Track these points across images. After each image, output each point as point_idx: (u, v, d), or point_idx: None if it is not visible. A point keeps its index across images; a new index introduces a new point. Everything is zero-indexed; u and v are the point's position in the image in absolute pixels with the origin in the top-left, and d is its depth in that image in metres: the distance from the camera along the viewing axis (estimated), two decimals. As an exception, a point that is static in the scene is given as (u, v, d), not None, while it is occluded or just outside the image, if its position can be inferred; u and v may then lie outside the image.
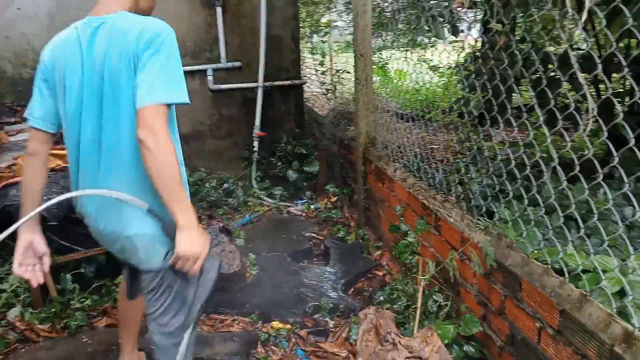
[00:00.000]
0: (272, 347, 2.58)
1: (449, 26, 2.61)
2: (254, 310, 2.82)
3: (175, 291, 1.73)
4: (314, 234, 3.69)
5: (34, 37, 3.79)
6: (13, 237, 1.70)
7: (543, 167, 1.85)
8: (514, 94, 3.07)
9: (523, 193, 2.00)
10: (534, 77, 2.28)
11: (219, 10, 4.18)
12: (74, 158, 1.72)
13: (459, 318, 2.21)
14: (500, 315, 1.99)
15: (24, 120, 3.57)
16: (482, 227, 2.14)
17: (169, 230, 1.55)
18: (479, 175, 2.37)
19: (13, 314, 2.71)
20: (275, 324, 2.72)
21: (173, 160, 1.44)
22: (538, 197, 1.90)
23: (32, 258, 1.79)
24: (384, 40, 4.53)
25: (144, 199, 1.55)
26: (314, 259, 3.43)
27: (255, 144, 4.50)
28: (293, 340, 2.63)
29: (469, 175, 2.40)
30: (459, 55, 3.02)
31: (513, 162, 2.08)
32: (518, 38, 2.19)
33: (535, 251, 1.91)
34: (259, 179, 4.58)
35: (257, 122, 4.43)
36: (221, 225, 3.13)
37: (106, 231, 1.70)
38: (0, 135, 3.31)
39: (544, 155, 2.04)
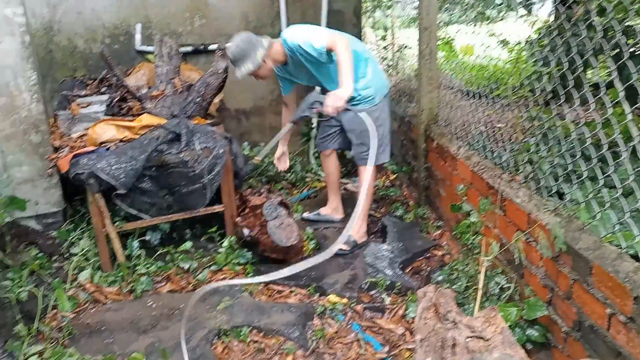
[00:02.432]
0: (328, 319, 2.60)
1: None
2: (310, 283, 2.84)
3: None
4: (372, 212, 3.66)
5: (103, 13, 3.90)
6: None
7: (622, 146, 1.73)
8: (589, 70, 2.89)
9: (598, 173, 1.89)
10: (613, 52, 2.13)
11: (281, -15, 4.16)
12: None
13: (522, 301, 2.14)
14: (567, 300, 1.91)
15: (94, 93, 3.73)
16: (552, 209, 2.04)
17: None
18: (550, 154, 2.25)
19: (84, 276, 2.87)
20: (332, 297, 2.73)
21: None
22: (615, 178, 1.79)
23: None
24: (450, 14, 4.37)
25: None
26: (371, 236, 3.41)
27: (314, 120, 4.48)
28: (349, 314, 2.64)
29: (539, 154, 2.29)
30: (532, 28, 2.86)
31: (589, 141, 1.96)
32: (597, 10, 2.04)
33: (609, 235, 1.81)
34: (316, 155, 4.58)
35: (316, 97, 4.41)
36: (280, 199, 3.15)
37: None
38: (73, 107, 3.46)
39: (622, 134, 1.91)
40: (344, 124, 3.20)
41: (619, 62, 1.73)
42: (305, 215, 3.64)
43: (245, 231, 3.04)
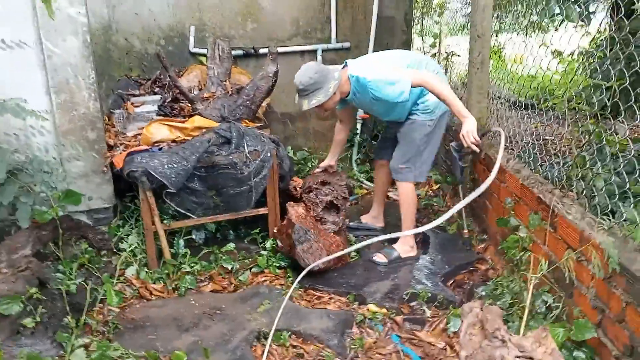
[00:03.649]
0: (367, 329, 2.58)
1: (580, 8, 2.40)
2: (350, 290, 2.84)
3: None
4: (417, 224, 3.62)
5: (159, 14, 4.04)
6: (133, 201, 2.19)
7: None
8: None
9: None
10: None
11: (332, -8, 4.19)
12: None
13: (570, 321, 2.07)
14: (619, 323, 1.84)
15: (148, 92, 3.84)
16: (606, 227, 1.97)
17: None
18: (605, 170, 2.18)
19: (131, 271, 2.95)
20: (371, 306, 2.72)
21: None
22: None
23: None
24: (501, 23, 4.29)
25: None
26: (420, 251, 3.37)
27: (358, 126, 4.49)
28: (388, 325, 2.62)
29: (593, 170, 2.21)
30: (588, 39, 2.78)
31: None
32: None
33: (668, 258, 1.73)
34: (359, 162, 4.58)
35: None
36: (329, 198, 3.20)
37: None
38: (127, 106, 3.58)
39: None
40: (398, 132, 3.12)
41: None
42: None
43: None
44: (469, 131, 2.67)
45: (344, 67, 2.97)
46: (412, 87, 2.75)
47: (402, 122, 3.06)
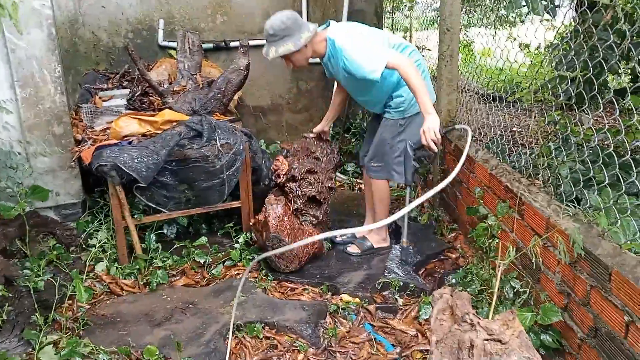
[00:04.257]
0: (341, 318, 2.61)
1: (546, 1, 2.46)
2: (324, 282, 2.86)
3: None
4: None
5: (127, 7, 3.96)
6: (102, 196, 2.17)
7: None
8: (611, 76, 2.87)
9: (621, 180, 1.87)
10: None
11: (303, -18, 4.19)
12: None
13: (537, 306, 2.13)
14: (584, 306, 1.90)
15: (117, 86, 3.78)
16: (571, 214, 2.03)
17: None
18: (569, 159, 2.24)
19: (100, 267, 2.91)
20: (345, 297, 2.74)
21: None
22: (638, 184, 1.78)
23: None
24: (469, 17, 4.35)
25: None
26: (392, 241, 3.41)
27: (330, 129, 4.49)
28: (361, 314, 2.65)
29: (558, 159, 2.28)
30: (554, 32, 2.85)
31: (611, 147, 1.95)
32: (624, 14, 2.03)
33: (630, 242, 1.79)
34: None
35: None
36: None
37: None
38: (95, 101, 3.51)
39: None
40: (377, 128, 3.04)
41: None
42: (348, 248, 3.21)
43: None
44: (430, 128, 2.50)
45: (326, 27, 2.80)
46: (386, 67, 2.58)
47: (379, 115, 3.03)
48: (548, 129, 2.45)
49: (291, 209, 3.02)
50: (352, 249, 3.16)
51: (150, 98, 3.46)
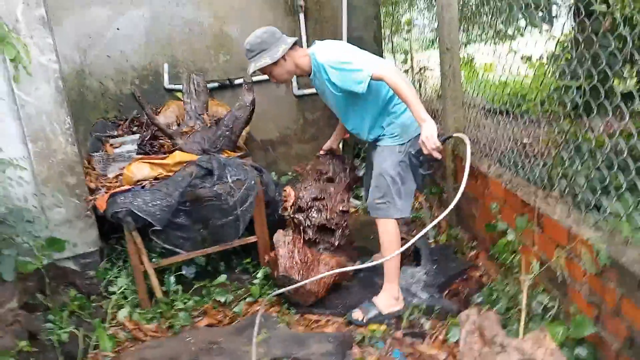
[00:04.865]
0: (368, 348, 2.56)
1: (543, 13, 2.48)
2: (347, 311, 2.82)
3: None
4: (403, 236, 3.62)
5: (131, 54, 4.05)
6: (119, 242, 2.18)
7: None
8: (616, 81, 2.85)
9: (637, 185, 1.84)
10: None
11: (301, 16, 4.25)
12: None
13: (568, 320, 2.08)
14: (616, 317, 1.85)
15: (127, 132, 3.83)
16: (592, 223, 2.00)
17: None
18: (584, 167, 2.21)
19: (122, 314, 2.89)
20: (370, 325, 2.70)
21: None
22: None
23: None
24: (468, 35, 4.38)
25: None
26: (404, 260, 3.36)
27: (340, 146, 4.51)
28: (388, 341, 2.60)
29: (573, 168, 2.25)
30: (554, 42, 2.85)
31: (625, 152, 1.92)
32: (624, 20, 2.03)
33: (656, 247, 1.75)
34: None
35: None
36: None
37: None
38: (106, 148, 3.56)
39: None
40: (373, 162, 2.89)
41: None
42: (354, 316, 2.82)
43: None
44: (428, 136, 2.41)
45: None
46: (373, 79, 2.47)
47: (373, 145, 2.87)
48: (559, 139, 2.44)
49: (301, 241, 2.97)
50: (356, 315, 2.78)
51: (160, 141, 3.50)
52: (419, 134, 2.49)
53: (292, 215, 3.04)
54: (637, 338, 1.73)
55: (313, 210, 3.01)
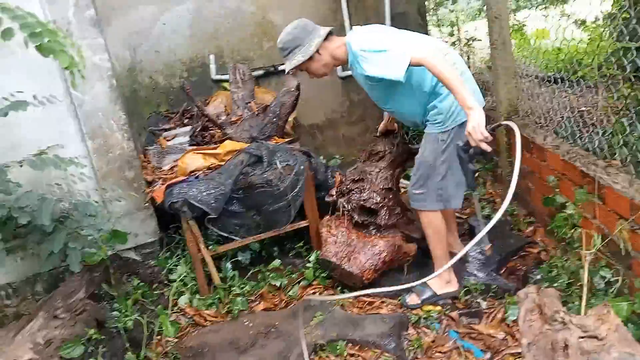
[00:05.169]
0: (424, 328, 2.55)
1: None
2: (401, 293, 2.79)
3: None
4: (457, 213, 3.55)
5: (179, 48, 4.14)
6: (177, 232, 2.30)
7: None
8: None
9: None
10: None
11: (342, -4, 4.20)
12: None
13: (632, 294, 1.98)
14: (686, 290, 1.74)
15: (178, 125, 3.93)
16: (658, 192, 1.89)
17: None
18: (647, 133, 2.09)
19: (183, 301, 3.00)
20: (425, 306, 2.67)
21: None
22: None
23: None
24: (517, 1, 4.20)
25: None
26: (460, 239, 3.30)
27: (395, 124, 4.45)
28: (445, 322, 2.57)
29: (635, 135, 2.12)
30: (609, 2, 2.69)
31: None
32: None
33: None
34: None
35: (389, 103, 4.38)
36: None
37: None
38: (160, 141, 3.67)
39: None
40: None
41: None
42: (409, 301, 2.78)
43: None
44: (475, 127, 2.15)
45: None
46: (412, 65, 2.26)
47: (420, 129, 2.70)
48: (618, 105, 2.30)
49: (347, 225, 2.96)
50: (411, 300, 2.74)
51: (211, 132, 3.58)
52: (466, 121, 2.27)
53: (335, 200, 3.05)
54: None
55: (354, 192, 2.98)
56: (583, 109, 3.22)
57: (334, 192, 3.09)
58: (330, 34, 2.56)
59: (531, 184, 3.06)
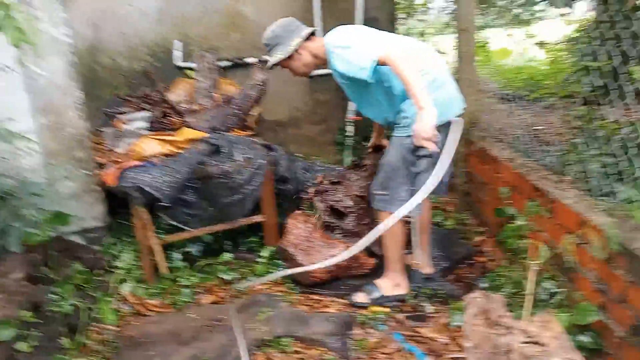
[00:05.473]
0: (370, 329, 2.55)
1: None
2: (351, 292, 2.80)
3: None
4: (410, 219, 3.58)
5: (144, 31, 4.02)
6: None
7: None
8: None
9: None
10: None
11: (315, -5, 4.20)
12: None
13: (573, 306, 2.04)
14: (622, 304, 1.81)
15: (137, 109, 3.82)
16: (604, 209, 1.95)
17: None
18: (598, 153, 2.17)
19: (126, 288, 2.90)
20: (373, 307, 2.69)
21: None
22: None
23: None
24: (484, 17, 4.31)
25: None
26: (410, 245, 3.33)
27: (350, 128, 4.47)
28: (390, 324, 2.58)
29: (587, 153, 2.20)
30: (572, 26, 2.79)
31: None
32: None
33: (668, 234, 1.71)
34: (350, 165, 4.55)
35: (352, 106, 4.39)
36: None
37: None
38: (116, 124, 3.56)
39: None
40: None
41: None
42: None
43: None
44: (421, 127, 2.16)
45: None
46: (379, 64, 2.26)
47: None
48: (573, 125, 2.39)
49: (314, 223, 2.96)
50: (359, 298, 2.73)
51: (171, 118, 3.49)
52: (448, 124, 2.32)
53: (311, 198, 3.06)
54: (643, 326, 1.70)
55: (329, 193, 3.00)
56: (539, 127, 3.33)
57: (312, 189, 3.09)
58: (313, 34, 2.62)
59: (484, 195, 3.13)
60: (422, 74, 2.34)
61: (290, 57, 2.58)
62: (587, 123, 2.47)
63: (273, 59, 2.59)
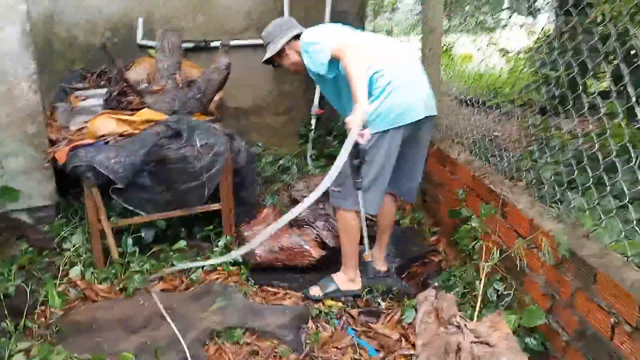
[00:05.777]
0: (323, 323, 2.56)
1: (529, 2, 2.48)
2: (306, 285, 2.80)
3: None
4: (367, 216, 3.62)
5: (105, 5, 3.87)
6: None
7: (632, 154, 1.73)
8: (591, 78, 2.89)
9: (605, 181, 1.88)
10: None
11: (284, -14, 4.15)
12: None
13: (521, 309, 2.12)
14: (569, 308, 1.89)
15: (94, 86, 3.68)
16: (555, 215, 2.03)
17: None
18: (552, 162, 2.25)
19: (75, 272, 2.80)
20: (327, 301, 2.70)
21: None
22: (624, 185, 1.78)
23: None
24: (450, 22, 4.37)
25: None
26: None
27: (313, 121, 4.46)
28: (344, 318, 2.60)
29: (541, 161, 2.28)
30: (535, 36, 2.87)
31: (595, 148, 1.95)
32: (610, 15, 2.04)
33: (614, 243, 1.79)
34: (314, 157, 4.55)
35: (316, 99, 4.39)
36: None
37: None
38: (71, 100, 3.42)
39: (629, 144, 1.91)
40: None
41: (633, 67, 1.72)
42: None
43: None
44: (351, 119, 2.23)
45: None
46: (332, 57, 2.34)
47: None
48: (529, 132, 2.47)
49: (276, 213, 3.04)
50: (314, 291, 2.75)
51: (129, 98, 3.38)
52: (402, 126, 2.37)
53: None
54: (587, 331, 1.77)
55: (300, 183, 3.11)
56: (497, 133, 3.42)
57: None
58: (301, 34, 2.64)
59: (440, 196, 3.19)
60: (378, 76, 2.40)
61: (280, 56, 2.68)
62: (543, 132, 2.56)
63: (265, 55, 2.70)
